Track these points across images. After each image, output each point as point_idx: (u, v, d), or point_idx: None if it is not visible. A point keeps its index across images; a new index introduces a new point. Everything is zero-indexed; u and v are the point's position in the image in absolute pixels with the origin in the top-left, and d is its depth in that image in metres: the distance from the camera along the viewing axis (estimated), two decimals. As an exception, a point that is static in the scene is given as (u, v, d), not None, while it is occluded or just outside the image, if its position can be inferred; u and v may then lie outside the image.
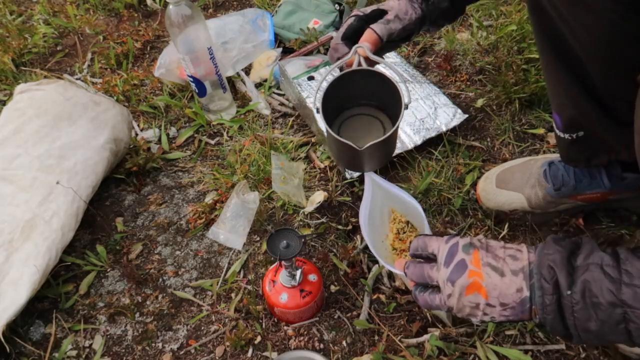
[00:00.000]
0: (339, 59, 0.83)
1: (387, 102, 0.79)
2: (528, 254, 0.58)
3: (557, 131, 0.87)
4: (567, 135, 0.85)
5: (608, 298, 0.51)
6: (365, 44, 0.79)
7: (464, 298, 0.59)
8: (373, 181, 0.87)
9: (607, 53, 0.66)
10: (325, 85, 0.76)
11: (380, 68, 0.80)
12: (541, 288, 0.55)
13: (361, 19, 0.82)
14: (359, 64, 0.77)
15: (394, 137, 0.80)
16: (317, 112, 0.74)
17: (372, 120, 0.86)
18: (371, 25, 0.80)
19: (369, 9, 0.83)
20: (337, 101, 0.81)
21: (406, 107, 0.74)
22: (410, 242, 0.86)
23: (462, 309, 0.60)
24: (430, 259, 0.66)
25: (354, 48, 0.79)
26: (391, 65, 0.79)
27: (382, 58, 0.79)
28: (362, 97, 0.85)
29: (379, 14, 0.81)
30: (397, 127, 0.75)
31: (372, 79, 0.78)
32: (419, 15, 0.82)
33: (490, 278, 0.58)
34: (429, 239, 0.65)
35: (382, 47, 0.82)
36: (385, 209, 0.92)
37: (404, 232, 0.94)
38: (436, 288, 0.64)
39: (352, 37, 0.83)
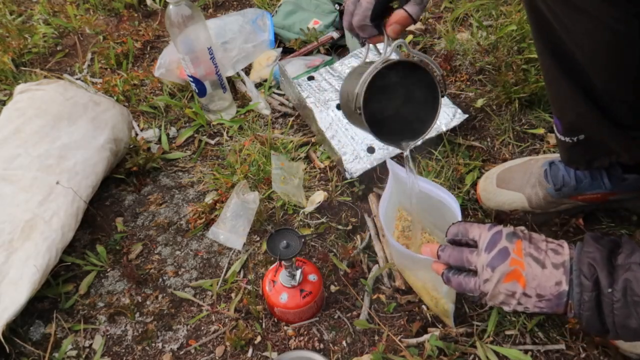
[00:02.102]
0: (363, 43, 0.76)
1: (426, 98, 0.75)
2: (569, 250, 0.59)
3: (558, 134, 0.87)
4: (567, 139, 0.85)
5: None
6: (396, 26, 0.70)
7: (502, 285, 0.59)
8: (394, 174, 0.86)
9: (606, 57, 0.66)
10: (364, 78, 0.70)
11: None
12: (580, 285, 0.56)
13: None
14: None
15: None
16: (358, 112, 0.69)
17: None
18: (405, 7, 0.70)
19: None
20: (378, 107, 0.77)
21: (443, 96, 0.73)
22: (415, 239, 0.86)
23: (496, 296, 0.60)
24: (470, 245, 0.65)
25: (394, 44, 0.71)
26: (430, 59, 0.75)
27: (422, 54, 0.75)
28: (398, 99, 0.80)
29: None
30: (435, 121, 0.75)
31: (412, 74, 0.73)
32: None
33: (531, 268, 0.58)
34: (470, 225, 0.65)
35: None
36: (395, 206, 0.92)
37: (409, 230, 0.94)
38: (471, 272, 0.63)
39: (380, 17, 0.72)
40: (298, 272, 0.88)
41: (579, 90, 0.74)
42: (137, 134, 1.29)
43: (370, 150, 1.14)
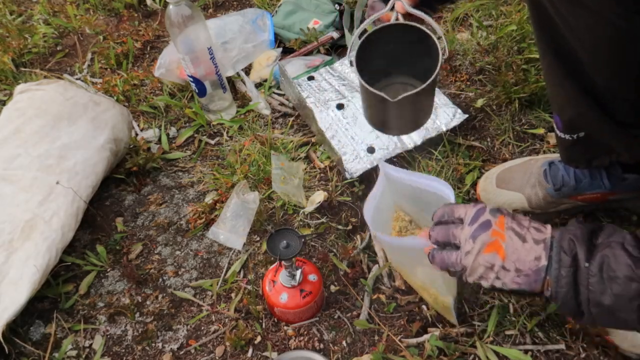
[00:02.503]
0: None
1: (425, 65, 0.75)
2: (552, 230, 0.59)
3: (558, 132, 0.87)
4: (567, 136, 0.85)
5: (625, 272, 0.52)
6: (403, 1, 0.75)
7: (481, 256, 0.60)
8: (386, 175, 0.85)
9: (608, 53, 0.66)
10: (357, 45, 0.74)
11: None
12: (559, 261, 0.56)
13: None
14: (397, 19, 0.74)
15: (428, 98, 0.78)
16: (351, 65, 0.72)
17: (408, 88, 0.83)
18: None
19: None
20: (372, 62, 0.77)
21: (444, 62, 0.71)
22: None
23: (475, 269, 0.61)
24: (455, 224, 0.66)
25: (391, 2, 0.76)
26: (431, 21, 0.75)
27: (422, 12, 0.76)
28: (398, 62, 0.81)
29: None
30: (434, 80, 0.71)
31: (408, 35, 0.75)
32: None
33: (512, 241, 0.59)
34: (456, 206, 0.66)
35: (422, 2, 0.78)
36: (391, 207, 0.92)
37: (407, 230, 0.94)
38: (455, 248, 0.64)
39: None
40: (298, 272, 0.88)
41: (580, 88, 0.74)
42: (137, 134, 1.29)
43: (370, 150, 1.14)
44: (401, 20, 0.75)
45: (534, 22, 0.74)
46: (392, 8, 0.76)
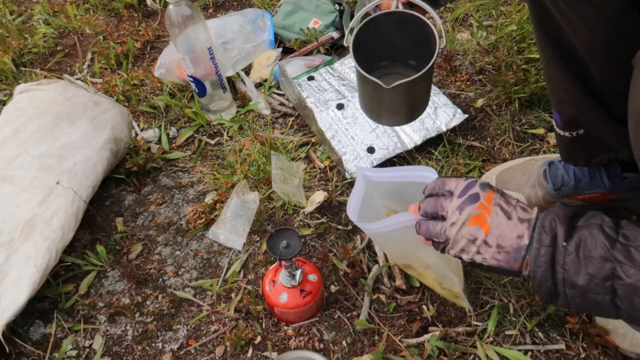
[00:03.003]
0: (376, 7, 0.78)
1: (423, 56, 0.74)
2: (538, 212, 0.59)
3: (557, 129, 0.87)
4: (567, 133, 0.85)
5: (600, 252, 0.52)
6: None
7: (465, 228, 0.60)
8: (368, 178, 0.83)
9: (606, 49, 0.66)
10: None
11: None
12: (539, 240, 0.56)
13: None
14: (397, 8, 0.74)
15: (423, 88, 0.76)
16: (348, 49, 0.72)
17: (404, 78, 0.81)
18: None
19: None
20: (369, 50, 0.76)
21: (440, 53, 0.71)
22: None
23: (458, 242, 0.61)
24: (445, 196, 0.66)
25: None
26: (432, 11, 0.74)
27: (424, 2, 0.74)
28: (396, 51, 0.80)
29: None
30: (429, 70, 0.70)
31: (407, 24, 0.74)
32: None
33: (497, 217, 0.59)
34: (448, 179, 0.66)
35: None
36: (382, 213, 0.91)
37: None
38: (442, 220, 0.64)
39: None
40: (298, 272, 0.88)
41: (579, 84, 0.74)
42: (137, 134, 1.29)
43: (370, 150, 1.14)
44: (401, 8, 0.74)
45: (534, 18, 0.74)
46: None
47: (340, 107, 1.22)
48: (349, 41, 0.72)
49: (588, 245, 0.53)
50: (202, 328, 0.95)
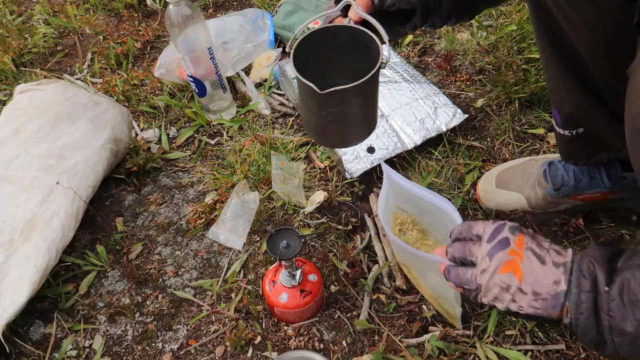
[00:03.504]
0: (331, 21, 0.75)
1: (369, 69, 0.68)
2: (573, 255, 0.57)
3: (557, 128, 0.87)
4: (566, 132, 0.85)
5: None
6: (352, 1, 0.71)
7: (497, 276, 0.57)
8: (389, 177, 0.85)
9: (606, 47, 0.66)
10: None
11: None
12: (578, 285, 0.53)
13: None
14: (349, 22, 0.71)
15: (359, 105, 0.70)
16: (289, 56, 0.68)
17: None
18: None
19: None
20: (315, 62, 0.72)
21: (383, 66, 0.66)
22: (412, 235, 0.85)
23: (490, 289, 0.58)
24: (473, 240, 0.63)
25: (342, 3, 0.71)
26: (380, 28, 0.69)
27: (371, 17, 0.70)
28: (340, 66, 0.76)
29: None
30: (365, 83, 0.64)
31: (355, 39, 0.71)
32: None
33: (530, 262, 0.56)
34: (475, 222, 0.63)
35: (374, 14, 0.72)
36: (392, 207, 0.92)
37: (404, 234, 0.94)
38: (471, 265, 0.62)
39: None
40: (298, 272, 0.88)
41: (579, 82, 0.74)
42: (137, 134, 1.29)
43: (370, 150, 1.14)
44: (352, 24, 0.70)
45: (534, 16, 0.74)
46: (346, 14, 0.72)
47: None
48: (291, 50, 0.68)
49: (632, 288, 0.50)
50: (202, 328, 0.95)
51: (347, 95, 0.66)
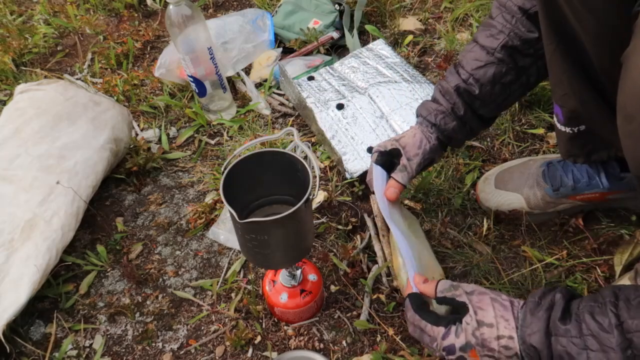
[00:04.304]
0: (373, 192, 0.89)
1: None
2: (516, 341, 0.63)
3: (558, 125, 0.86)
4: (568, 129, 0.84)
5: None
6: (294, 130, 0.77)
7: None
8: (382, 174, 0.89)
9: (610, 39, 0.65)
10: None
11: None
12: None
13: (385, 154, 0.88)
14: (294, 148, 0.74)
15: (294, 230, 0.71)
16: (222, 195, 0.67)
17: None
18: (392, 175, 0.87)
19: (388, 145, 0.89)
20: (250, 185, 0.75)
21: (307, 199, 0.67)
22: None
23: None
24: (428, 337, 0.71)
25: (283, 131, 0.78)
26: (313, 161, 0.71)
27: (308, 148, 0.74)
28: (280, 189, 0.79)
29: (398, 152, 0.87)
30: (287, 217, 0.65)
31: (288, 166, 0.73)
32: (434, 144, 0.88)
33: None
34: (425, 328, 0.70)
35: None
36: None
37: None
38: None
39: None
40: (298, 272, 0.88)
41: (583, 78, 0.73)
42: (137, 134, 1.29)
43: (370, 150, 1.14)
44: (299, 145, 0.74)
45: (541, 10, 0.74)
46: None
47: (340, 107, 1.22)
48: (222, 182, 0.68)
49: None
50: (202, 328, 0.95)
51: (266, 227, 0.67)
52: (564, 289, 0.63)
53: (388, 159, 0.88)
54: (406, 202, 1.07)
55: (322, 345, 0.91)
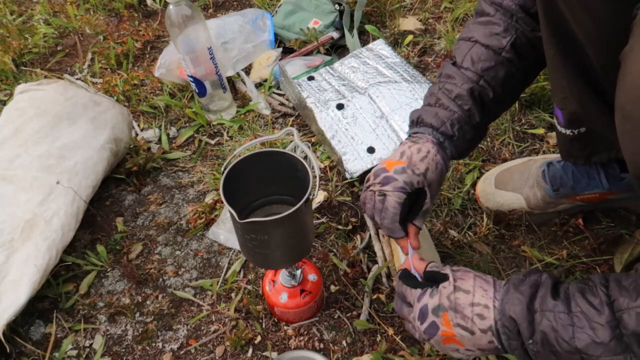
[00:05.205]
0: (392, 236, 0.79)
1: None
2: (494, 312, 0.61)
3: (559, 127, 0.86)
4: (568, 132, 0.84)
5: (565, 347, 0.55)
6: (294, 130, 0.77)
7: (443, 346, 0.65)
8: None
9: (609, 41, 0.65)
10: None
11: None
12: (508, 339, 0.60)
13: (409, 196, 0.74)
14: (294, 148, 0.74)
15: (293, 230, 0.71)
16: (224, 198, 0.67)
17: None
18: (414, 222, 0.76)
19: (414, 181, 0.74)
20: (250, 185, 0.75)
21: (307, 199, 0.67)
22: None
23: (443, 350, 0.66)
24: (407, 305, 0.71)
25: (283, 131, 0.77)
26: (313, 161, 0.71)
27: (309, 149, 0.73)
28: (280, 189, 0.79)
29: (424, 193, 0.76)
30: (290, 217, 0.65)
31: (288, 166, 0.73)
32: (442, 167, 0.77)
33: (463, 336, 0.62)
34: (405, 291, 0.70)
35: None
36: None
37: None
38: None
39: (405, 221, 0.76)
40: (298, 272, 0.88)
41: (584, 80, 0.73)
42: (137, 134, 1.29)
43: (371, 150, 1.14)
44: (299, 145, 0.73)
45: (542, 12, 0.74)
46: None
47: (340, 107, 1.22)
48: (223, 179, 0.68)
49: (551, 340, 0.56)
50: (202, 328, 0.95)
51: (266, 227, 0.67)
52: (549, 274, 0.62)
53: (410, 201, 0.75)
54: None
55: (322, 345, 0.91)
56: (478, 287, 0.63)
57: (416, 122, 0.80)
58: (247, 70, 1.42)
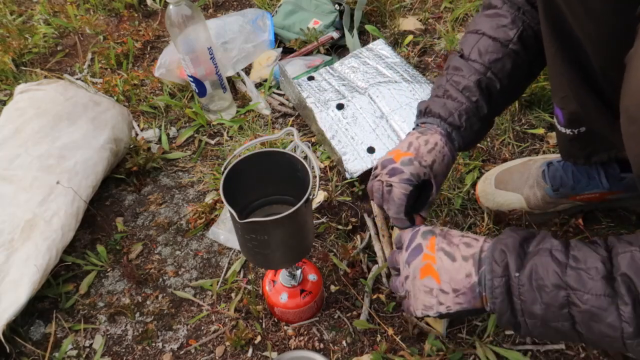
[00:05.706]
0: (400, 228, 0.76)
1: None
2: (483, 243, 0.59)
3: (559, 126, 0.86)
4: (568, 131, 0.84)
5: (553, 280, 0.52)
6: (294, 130, 0.77)
7: (419, 281, 0.60)
8: None
9: (610, 41, 0.65)
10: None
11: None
12: (492, 271, 0.56)
13: (416, 187, 0.74)
14: (294, 149, 0.74)
15: (293, 230, 0.71)
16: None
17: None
18: (421, 213, 0.76)
19: (421, 172, 0.73)
20: (250, 185, 0.75)
21: (307, 199, 0.67)
22: None
23: (417, 295, 0.61)
24: (400, 249, 0.68)
25: (284, 131, 0.77)
26: (313, 161, 0.71)
27: (309, 149, 0.73)
28: (280, 189, 0.79)
29: (430, 184, 0.75)
30: (290, 217, 0.65)
31: (288, 166, 0.74)
32: (449, 158, 0.77)
33: (442, 262, 0.59)
34: (403, 231, 0.68)
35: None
36: None
37: None
38: (398, 273, 0.66)
39: (411, 212, 0.76)
40: (298, 272, 0.88)
41: (583, 80, 0.73)
42: (137, 134, 1.29)
43: (370, 150, 1.14)
44: (299, 145, 0.73)
45: (542, 12, 0.74)
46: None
47: (340, 107, 1.22)
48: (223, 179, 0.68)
49: (540, 273, 0.53)
50: (202, 328, 0.95)
51: (266, 227, 0.67)
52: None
53: (415, 192, 0.75)
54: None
55: (322, 345, 0.91)
56: (470, 232, 0.62)
57: (424, 112, 0.80)
58: (247, 70, 1.42)
